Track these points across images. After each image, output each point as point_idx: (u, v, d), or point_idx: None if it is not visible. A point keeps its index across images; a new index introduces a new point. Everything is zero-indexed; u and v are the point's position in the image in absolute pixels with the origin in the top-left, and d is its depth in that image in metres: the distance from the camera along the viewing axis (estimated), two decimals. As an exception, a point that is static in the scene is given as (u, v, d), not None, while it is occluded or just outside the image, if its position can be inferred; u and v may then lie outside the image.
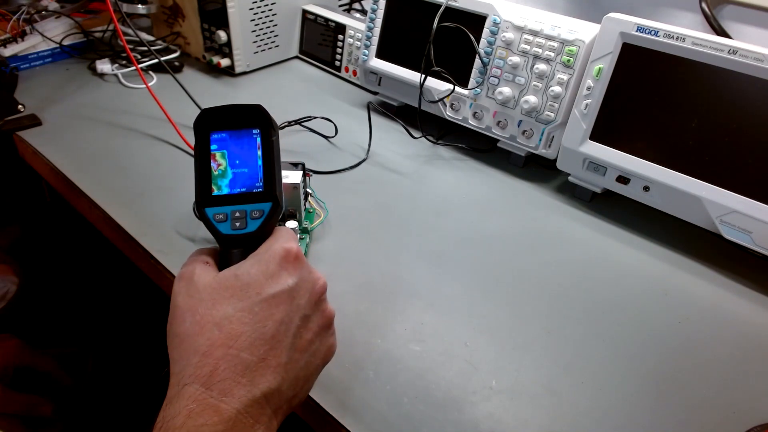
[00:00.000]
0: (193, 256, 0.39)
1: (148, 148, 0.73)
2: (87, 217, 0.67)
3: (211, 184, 0.40)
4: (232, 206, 0.39)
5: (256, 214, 0.39)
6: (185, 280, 0.36)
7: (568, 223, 0.67)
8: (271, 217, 0.39)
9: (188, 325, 0.34)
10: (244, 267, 0.36)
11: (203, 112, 0.40)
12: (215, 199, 0.39)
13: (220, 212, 0.39)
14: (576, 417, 0.44)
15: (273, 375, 0.34)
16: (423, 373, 0.47)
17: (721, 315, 0.55)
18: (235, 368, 0.33)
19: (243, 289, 0.35)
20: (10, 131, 0.75)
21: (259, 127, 0.40)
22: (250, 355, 0.33)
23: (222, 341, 0.33)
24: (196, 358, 0.33)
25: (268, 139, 0.40)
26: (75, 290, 0.88)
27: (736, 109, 0.55)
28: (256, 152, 0.40)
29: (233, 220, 0.39)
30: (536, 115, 0.68)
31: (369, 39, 0.82)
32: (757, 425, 0.44)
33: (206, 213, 0.39)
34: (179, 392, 0.32)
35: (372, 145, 0.76)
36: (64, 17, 0.96)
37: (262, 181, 0.40)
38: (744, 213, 0.56)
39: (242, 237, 0.39)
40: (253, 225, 0.39)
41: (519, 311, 0.54)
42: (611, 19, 0.60)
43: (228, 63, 0.92)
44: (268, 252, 0.36)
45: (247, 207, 0.39)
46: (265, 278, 0.35)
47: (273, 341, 0.34)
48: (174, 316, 0.36)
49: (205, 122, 0.40)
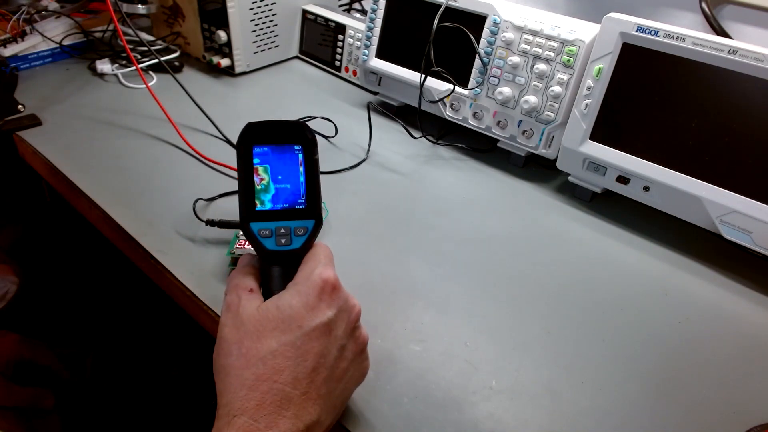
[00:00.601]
0: (236, 280, 0.40)
1: (148, 148, 0.73)
2: (87, 217, 0.67)
3: (255, 198, 0.40)
4: (277, 222, 0.40)
5: (300, 231, 0.40)
6: (232, 312, 0.38)
7: (568, 223, 0.67)
8: (314, 234, 0.40)
9: (234, 358, 0.36)
10: (285, 299, 0.37)
11: (248, 126, 0.40)
12: (260, 215, 0.40)
13: (265, 228, 0.39)
14: (576, 417, 0.44)
15: (314, 407, 0.36)
16: (423, 373, 0.47)
17: (721, 315, 0.55)
18: (280, 402, 0.34)
19: (285, 321, 0.36)
20: (10, 131, 0.75)
21: (302, 144, 0.41)
22: (293, 389, 0.35)
23: (267, 376, 0.35)
24: (243, 391, 0.34)
25: (311, 157, 0.41)
26: (75, 290, 0.88)
27: (736, 109, 0.55)
28: (299, 168, 0.40)
29: (278, 236, 0.39)
30: (536, 115, 0.68)
31: (369, 39, 0.82)
32: (757, 425, 0.44)
33: (251, 228, 0.39)
34: (229, 422, 0.34)
35: (372, 145, 0.76)
36: (64, 17, 0.96)
37: (304, 198, 0.40)
38: (744, 213, 0.56)
39: (286, 253, 0.39)
40: (297, 242, 0.40)
41: (519, 311, 0.54)
42: (611, 19, 0.60)
43: (228, 63, 0.92)
44: (308, 282, 0.37)
45: (291, 224, 0.40)
46: (305, 311, 0.36)
47: (313, 374, 0.36)
48: (221, 347, 0.37)
49: (248, 136, 0.40)
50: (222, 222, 0.58)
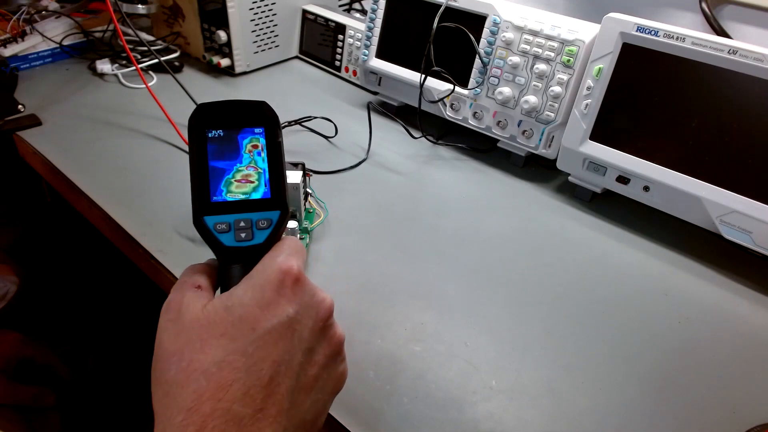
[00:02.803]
0: (183, 277, 0.34)
1: (148, 148, 0.73)
2: (87, 217, 0.67)
3: (209, 188, 0.35)
4: (236, 215, 0.35)
5: (263, 224, 0.35)
6: (172, 313, 0.31)
7: (568, 223, 0.67)
8: (279, 227, 0.35)
9: (173, 373, 0.29)
10: (236, 295, 0.31)
11: (199, 107, 0.36)
12: (215, 207, 0.35)
13: (222, 221, 0.35)
14: (576, 417, 0.44)
15: (273, 426, 0.29)
16: (423, 373, 0.47)
17: (721, 315, 0.55)
18: (226, 425, 0.28)
19: (235, 324, 0.30)
20: (10, 131, 0.75)
21: (263, 125, 0.36)
22: (244, 407, 0.29)
23: (211, 393, 0.28)
24: (180, 416, 0.28)
25: (273, 139, 0.36)
26: (75, 290, 0.88)
27: (736, 109, 0.55)
28: (260, 153, 0.36)
29: (237, 230, 0.35)
30: (536, 115, 0.68)
31: (369, 39, 0.82)
32: (757, 425, 0.44)
33: (205, 222, 0.35)
34: None
35: (372, 145, 0.76)
36: (64, 17, 0.96)
37: (268, 187, 0.36)
38: (744, 213, 0.56)
39: (247, 249, 0.35)
40: (260, 236, 0.35)
41: (519, 311, 0.54)
42: (611, 19, 0.60)
43: (228, 63, 0.92)
44: (264, 274, 0.32)
45: (252, 216, 0.35)
46: (260, 309, 0.30)
47: (271, 386, 0.30)
48: (158, 359, 0.30)
49: (201, 119, 0.36)
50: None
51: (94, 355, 0.78)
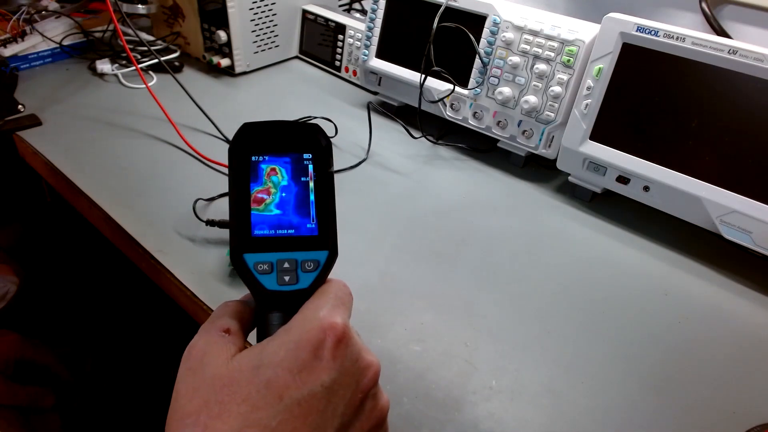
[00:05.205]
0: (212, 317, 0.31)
1: (148, 148, 0.73)
2: (87, 217, 0.67)
3: (250, 222, 0.31)
4: (279, 253, 0.31)
5: (309, 266, 0.31)
6: (194, 362, 0.28)
7: (568, 223, 0.67)
8: (326, 270, 0.32)
9: None
10: (267, 353, 0.27)
11: (243, 127, 0.31)
12: (257, 243, 0.31)
13: (263, 260, 0.30)
14: (576, 417, 0.44)
15: None
16: (423, 373, 0.47)
17: (721, 315, 0.55)
18: None
19: (260, 390, 0.26)
20: (10, 131, 0.75)
21: (313, 152, 0.32)
22: None
23: None
24: None
25: (324, 169, 0.32)
26: (75, 290, 0.88)
27: (736, 109, 0.55)
28: (308, 184, 0.32)
29: (280, 272, 0.31)
30: (536, 115, 0.68)
31: (369, 39, 0.82)
32: (757, 425, 0.44)
33: (245, 260, 0.30)
34: None
35: (372, 145, 0.76)
36: (64, 17, 0.96)
37: (315, 222, 0.32)
38: (744, 213, 0.56)
39: (291, 294, 0.30)
40: (305, 280, 0.31)
41: (519, 311, 0.54)
42: (611, 19, 0.60)
43: (228, 63, 0.92)
44: (302, 330, 0.28)
45: (298, 255, 0.31)
46: (291, 374, 0.26)
47: None
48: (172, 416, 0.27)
49: (244, 141, 0.31)
50: (222, 222, 0.58)
51: (93, 356, 0.78)
